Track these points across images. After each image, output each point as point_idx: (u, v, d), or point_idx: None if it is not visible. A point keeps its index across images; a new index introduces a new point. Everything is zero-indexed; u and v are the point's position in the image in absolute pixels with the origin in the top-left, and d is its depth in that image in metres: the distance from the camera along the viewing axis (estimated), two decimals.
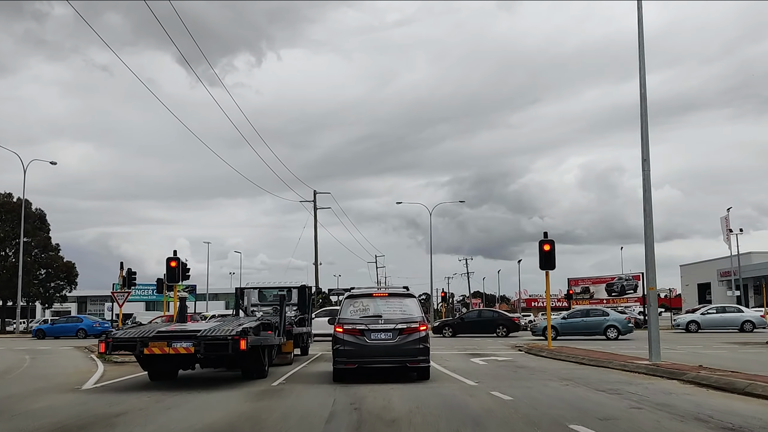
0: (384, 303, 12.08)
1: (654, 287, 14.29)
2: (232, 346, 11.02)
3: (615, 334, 29.02)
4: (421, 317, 11.90)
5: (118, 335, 11.70)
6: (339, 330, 11.74)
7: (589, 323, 29.95)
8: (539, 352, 19.80)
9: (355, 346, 11.54)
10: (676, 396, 9.49)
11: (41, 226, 60.96)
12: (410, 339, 11.57)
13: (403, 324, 11.64)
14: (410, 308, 12.01)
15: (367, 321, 11.72)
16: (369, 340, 11.55)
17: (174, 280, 23.88)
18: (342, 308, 12.20)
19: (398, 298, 12.29)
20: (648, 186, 14.70)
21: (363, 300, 12.17)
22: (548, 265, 21.05)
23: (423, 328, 11.75)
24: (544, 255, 20.91)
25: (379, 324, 11.64)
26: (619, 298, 63.15)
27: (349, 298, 12.29)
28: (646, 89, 14.71)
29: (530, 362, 16.67)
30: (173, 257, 23.89)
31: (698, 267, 78.18)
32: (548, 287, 22.18)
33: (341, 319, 11.88)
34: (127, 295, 30.40)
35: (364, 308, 11.99)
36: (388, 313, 11.84)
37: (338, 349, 11.67)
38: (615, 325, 29.39)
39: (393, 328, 11.58)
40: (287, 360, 16.64)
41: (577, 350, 19.64)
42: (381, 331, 11.57)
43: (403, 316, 11.81)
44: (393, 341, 11.54)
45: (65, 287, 61.87)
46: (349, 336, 11.62)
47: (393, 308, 11.95)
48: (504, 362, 16.65)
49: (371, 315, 11.86)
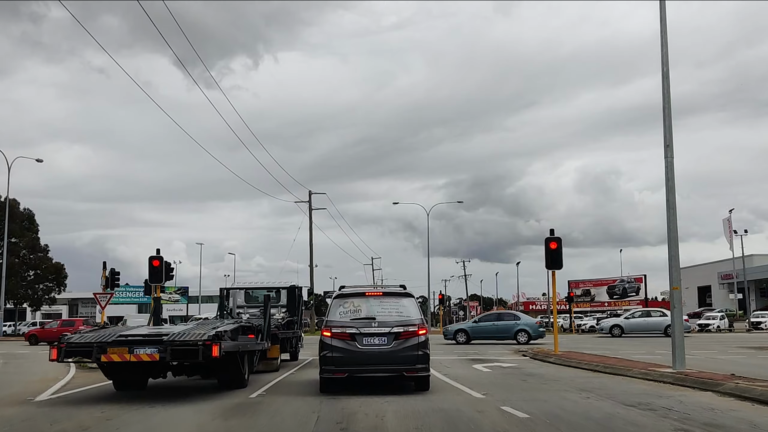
0: (378, 303, 10.64)
1: (678, 287, 12.85)
2: (203, 352, 9.56)
3: (525, 338, 28.64)
4: (420, 319, 10.48)
5: (73, 340, 10.22)
6: (326, 334, 10.29)
7: (500, 327, 29.80)
8: (546, 358, 18.37)
9: (344, 353, 10.09)
10: (721, 413, 8.05)
11: (30, 227, 59.49)
12: (408, 344, 10.13)
13: (399, 327, 10.20)
14: (408, 309, 10.57)
15: (359, 324, 10.27)
16: (361, 346, 10.10)
17: (157, 280, 22.38)
18: (330, 309, 10.75)
19: (394, 297, 10.84)
20: (671, 174, 13.36)
21: (354, 300, 10.71)
22: (555, 264, 19.63)
23: (422, 332, 10.33)
24: (551, 253, 19.50)
25: (373, 327, 10.19)
26: (620, 301, 61.88)
27: (338, 298, 10.84)
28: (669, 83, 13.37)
29: (538, 369, 15.25)
30: (156, 256, 22.43)
31: (698, 270, 77.08)
32: (554, 287, 20.80)
33: (329, 321, 10.43)
34: (110, 297, 28.90)
35: (355, 309, 10.54)
36: (383, 315, 10.40)
37: (325, 355, 10.21)
38: (526, 329, 29.18)
39: (388, 332, 10.13)
40: (273, 366, 15.19)
41: (587, 356, 18.23)
42: (374, 336, 10.13)
43: (399, 318, 10.38)
44: (388, 347, 10.09)
45: (54, 289, 60.36)
46: (337, 341, 10.17)
47: (388, 309, 10.52)
48: (510, 369, 15.23)
49: (363, 317, 10.42)
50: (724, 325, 47.58)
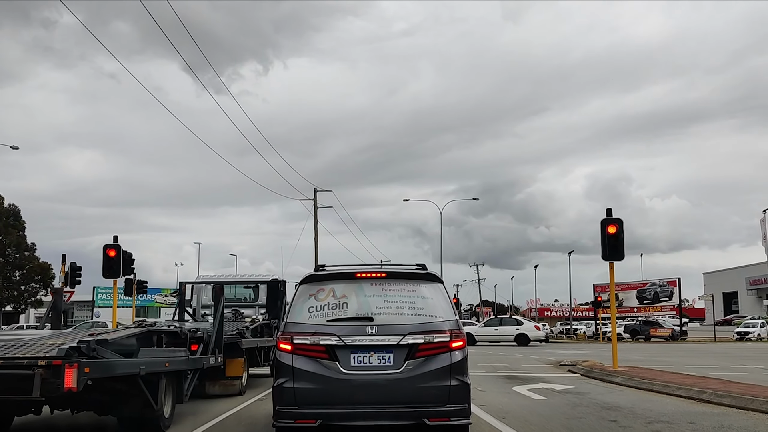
0: (379, 293, 6.03)
1: None
2: (45, 381, 5.09)
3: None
4: (453, 321, 5.89)
5: None
6: (285, 347, 5.76)
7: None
8: (607, 377, 13.75)
9: (316, 382, 5.56)
10: None
11: (15, 224, 55.61)
12: (432, 367, 5.60)
13: (417, 335, 5.67)
14: (431, 303, 5.99)
15: (344, 329, 5.73)
16: (346, 369, 5.58)
17: (114, 274, 18.17)
18: (293, 303, 6.14)
19: (407, 282, 6.10)
20: None
21: (337, 286, 6.09)
22: (614, 253, 15.08)
23: (457, 345, 5.75)
24: (610, 240, 14.93)
25: (368, 335, 5.66)
26: (651, 306, 56.83)
27: (308, 284, 6.21)
28: None
29: (611, 396, 10.66)
30: (112, 244, 18.18)
31: (723, 275, 72.67)
32: (612, 282, 16.19)
33: (290, 325, 5.89)
34: (70, 295, 24.79)
35: (337, 303, 5.95)
36: (387, 314, 5.85)
37: (282, 387, 5.67)
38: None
39: (396, 345, 5.63)
40: (234, 389, 10.75)
41: (659, 374, 13.60)
42: (371, 350, 5.62)
43: (416, 318, 5.84)
44: (396, 371, 5.58)
45: (40, 290, 56.23)
46: (305, 361, 5.64)
47: (396, 303, 5.93)
48: (571, 396, 10.64)
49: (351, 317, 5.85)
50: (765, 333, 43.46)
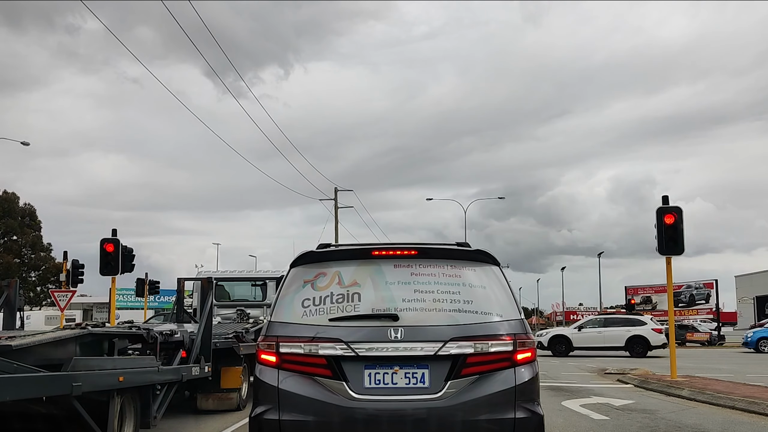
0: (406, 278, 4.14)
1: None
2: None
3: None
4: (518, 321, 4.01)
5: None
6: (268, 359, 3.96)
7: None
8: (669, 389, 11.77)
9: (314, 412, 3.74)
10: None
11: (31, 224, 55.00)
12: (486, 391, 3.74)
13: (464, 342, 3.83)
14: (484, 294, 4.11)
15: (354, 332, 3.90)
16: (358, 393, 3.76)
17: (112, 270, 16.65)
18: (280, 294, 4.27)
19: (448, 263, 4.23)
20: None
21: (344, 269, 4.22)
22: (673, 246, 13.20)
23: (525, 357, 3.90)
24: (668, 231, 13.04)
25: (391, 342, 3.83)
26: (687, 310, 54.20)
27: (302, 266, 4.34)
28: None
29: (683, 414, 8.72)
30: (110, 239, 16.68)
31: (758, 278, 69.70)
32: (670, 279, 14.23)
33: (275, 325, 4.06)
34: (72, 295, 23.24)
35: (344, 293, 4.08)
36: (418, 309, 3.99)
37: (262, 419, 3.85)
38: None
39: (433, 356, 3.79)
40: (230, 403, 8.98)
41: (733, 387, 11.60)
42: (395, 364, 3.79)
43: (462, 317, 3.96)
44: (433, 397, 3.74)
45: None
46: (296, 380, 3.83)
47: (433, 293, 4.06)
48: (635, 413, 8.72)
49: (366, 314, 3.98)
50: None
